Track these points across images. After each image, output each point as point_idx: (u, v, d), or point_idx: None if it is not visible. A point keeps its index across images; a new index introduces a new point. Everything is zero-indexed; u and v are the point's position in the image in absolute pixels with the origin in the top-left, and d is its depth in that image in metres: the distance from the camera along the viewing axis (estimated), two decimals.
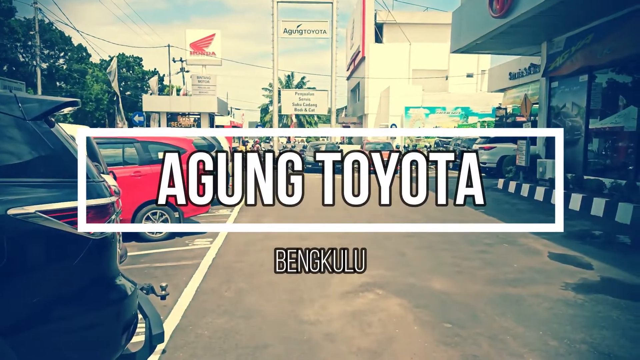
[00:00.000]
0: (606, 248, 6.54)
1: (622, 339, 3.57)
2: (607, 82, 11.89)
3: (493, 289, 4.79)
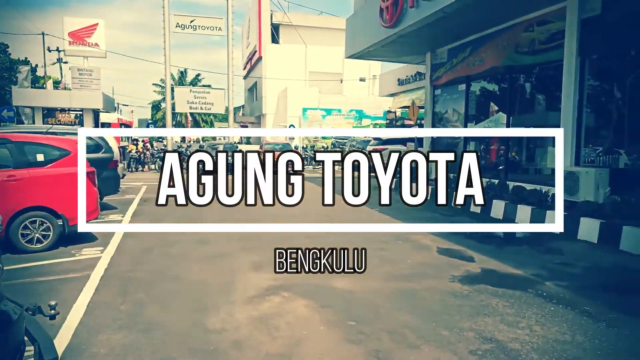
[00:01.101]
0: (484, 242, 7.30)
1: (500, 324, 4.03)
2: (480, 90, 13.29)
3: (391, 285, 5.09)
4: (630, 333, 3.86)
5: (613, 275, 5.59)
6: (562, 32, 9.25)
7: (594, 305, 4.48)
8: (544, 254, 6.57)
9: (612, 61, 9.01)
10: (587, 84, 9.12)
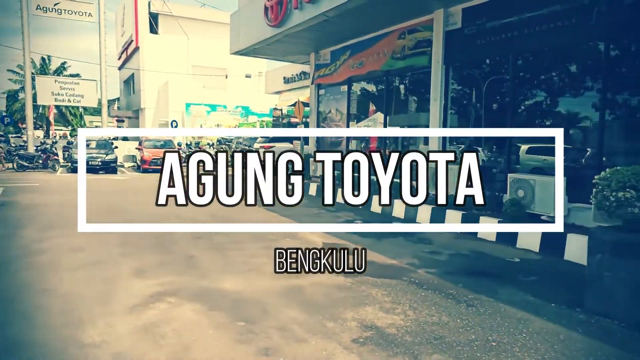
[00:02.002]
0: (365, 235, 7.79)
1: (379, 312, 4.37)
2: (361, 91, 14.07)
3: (279, 282, 5.20)
4: (484, 310, 4.45)
5: (472, 260, 6.36)
6: (430, 41, 10.20)
7: (456, 288, 5.07)
8: (417, 243, 7.23)
9: (472, 69, 10.16)
10: (451, 88, 10.18)
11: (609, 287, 4.29)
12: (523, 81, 8.97)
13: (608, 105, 7.34)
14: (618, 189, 4.13)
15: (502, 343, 3.74)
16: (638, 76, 7.21)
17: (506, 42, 8.51)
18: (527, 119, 9.08)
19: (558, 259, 6.39)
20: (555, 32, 7.66)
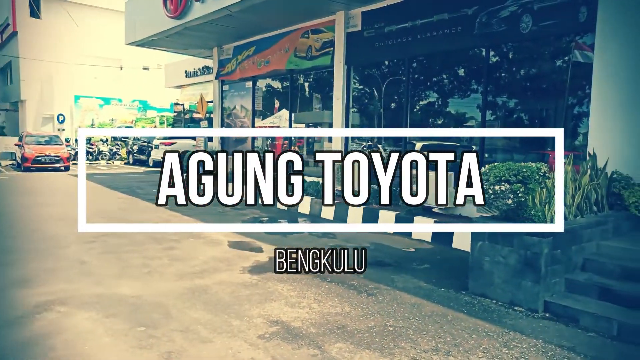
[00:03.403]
0: (272, 233, 7.84)
1: (285, 307, 4.45)
2: (266, 88, 14.08)
3: (182, 284, 5.06)
4: (382, 298, 4.74)
5: (373, 252, 6.70)
6: (332, 42, 10.51)
7: (358, 279, 5.32)
8: (321, 238, 7.44)
9: (372, 70, 10.65)
10: (353, 87, 10.59)
11: (488, 271, 4.79)
12: (418, 83, 9.62)
13: (489, 107, 8.16)
14: (495, 183, 4.63)
15: (398, 327, 4.02)
16: (514, 81, 8.11)
17: (402, 46, 9.06)
18: (422, 118, 9.76)
19: (447, 247, 6.98)
20: (444, 38, 8.32)
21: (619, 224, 5.40)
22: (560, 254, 4.55)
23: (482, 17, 7.65)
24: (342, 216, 8.84)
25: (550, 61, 7.59)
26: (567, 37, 7.10)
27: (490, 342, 3.76)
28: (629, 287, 4.31)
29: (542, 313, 4.39)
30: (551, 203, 4.81)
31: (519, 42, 7.76)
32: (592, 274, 4.71)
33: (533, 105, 8.34)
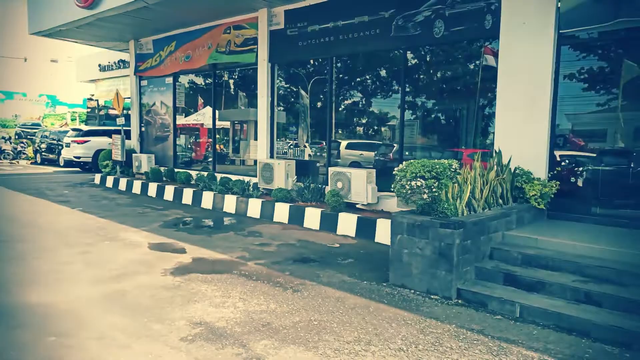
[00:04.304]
0: (195, 232, 7.65)
1: (209, 308, 4.38)
2: (189, 84, 13.66)
3: (98, 289, 4.80)
4: (308, 294, 4.82)
5: (298, 249, 6.78)
6: (255, 38, 10.42)
7: (284, 276, 5.37)
8: (247, 237, 7.39)
9: (298, 68, 10.71)
10: (279, 85, 10.60)
11: (407, 263, 5.05)
12: (342, 82, 9.84)
13: (408, 107, 8.54)
14: (411, 179, 4.88)
15: (322, 321, 4.11)
16: (431, 82, 8.56)
17: (325, 46, 9.21)
18: (347, 116, 10.01)
19: (370, 241, 7.23)
20: (365, 39, 8.58)
21: (521, 215, 5.92)
22: (470, 244, 4.90)
23: (398, 21, 7.99)
24: (269, 214, 8.84)
25: (463, 64, 8.11)
26: (477, 42, 7.63)
27: (408, 330, 3.97)
28: (529, 273, 4.74)
29: (455, 300, 4.70)
30: (462, 197, 5.16)
31: (433, 46, 8.20)
32: (499, 262, 5.12)
33: (449, 105, 8.85)
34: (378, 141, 10.24)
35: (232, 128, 13.50)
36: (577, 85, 6.80)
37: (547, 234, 5.38)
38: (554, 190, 6.19)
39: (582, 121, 7.08)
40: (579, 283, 4.39)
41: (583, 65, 6.68)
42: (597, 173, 6.88)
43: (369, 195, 7.95)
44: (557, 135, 6.76)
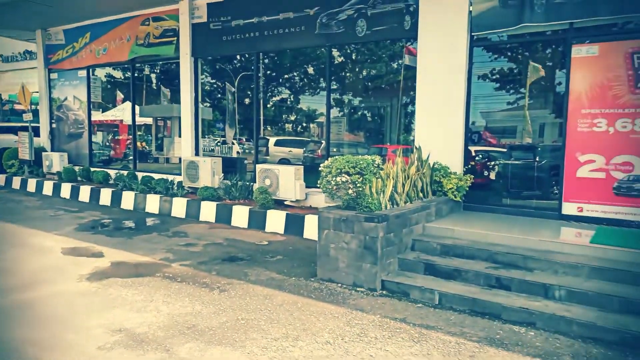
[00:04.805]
0: (115, 234, 7.25)
1: (130, 313, 4.18)
2: (106, 78, 12.89)
3: (5, 300, 4.40)
4: (235, 293, 4.75)
5: (226, 248, 6.65)
6: (175, 30, 10.04)
7: (210, 277, 5.25)
8: (171, 237, 7.13)
9: (224, 64, 10.47)
10: (205, 81, 10.32)
11: (334, 257, 5.13)
12: (270, 79, 9.78)
13: (335, 104, 8.68)
14: (337, 175, 4.97)
15: (250, 320, 4.07)
16: (357, 80, 8.76)
17: (250, 41, 9.08)
18: (275, 113, 9.97)
19: (299, 238, 7.27)
20: (290, 36, 8.57)
21: (440, 207, 6.24)
22: (393, 237, 5.08)
23: (322, 19, 8.07)
24: (195, 213, 8.59)
25: (386, 63, 8.38)
26: (399, 42, 7.91)
27: (335, 323, 4.04)
28: (447, 262, 5.02)
29: (380, 291, 4.86)
30: (385, 192, 5.34)
31: (356, 44, 8.39)
32: (420, 252, 5.37)
33: (374, 103, 9.12)
34: (307, 138, 10.31)
35: (154, 124, 12.95)
36: (490, 84, 7.29)
37: (462, 225, 5.72)
38: (468, 183, 6.60)
39: (494, 119, 7.61)
40: (491, 269, 4.72)
41: (495, 66, 7.18)
42: (507, 167, 7.44)
43: (297, 191, 7.99)
44: (473, 132, 7.20)
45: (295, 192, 7.98)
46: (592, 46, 5.86)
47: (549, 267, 4.59)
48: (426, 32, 6.93)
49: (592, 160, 5.91)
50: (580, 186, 6.00)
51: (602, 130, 5.82)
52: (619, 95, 5.70)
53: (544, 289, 4.30)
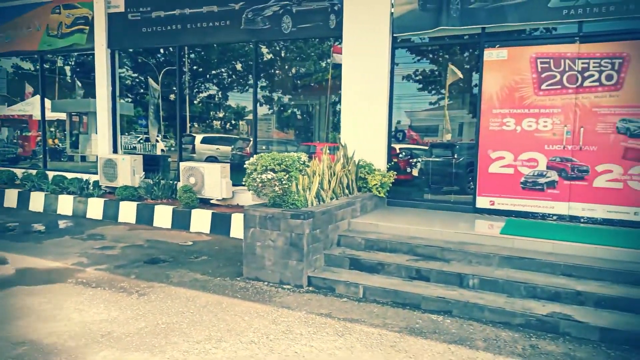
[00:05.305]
0: (22, 239, 6.67)
1: (36, 323, 3.85)
2: (13, 69, 11.82)
3: None
4: (155, 297, 4.54)
5: (147, 249, 6.35)
6: (87, 19, 9.40)
7: (129, 281, 4.98)
8: (86, 240, 6.69)
9: (148, 57, 9.97)
10: (126, 75, 9.76)
11: (260, 255, 5.08)
12: (197, 74, 9.47)
13: (265, 101, 8.60)
14: (262, 172, 4.92)
15: (171, 323, 3.91)
16: (285, 78, 8.72)
17: (172, 34, 8.72)
18: (203, 110, 9.67)
19: (226, 237, 7.12)
20: (215, 30, 8.34)
21: (365, 203, 6.39)
22: (319, 233, 5.12)
23: (248, 14, 7.94)
24: (113, 214, 8.11)
25: (315, 62, 8.43)
26: (327, 40, 7.98)
27: (260, 322, 3.99)
28: (371, 256, 5.15)
29: (306, 287, 4.88)
30: (311, 189, 5.37)
31: (283, 41, 8.36)
32: (345, 248, 5.46)
33: (303, 101, 9.14)
34: (235, 135, 10.13)
35: (69, 120, 12.07)
36: (414, 85, 7.59)
37: (386, 220, 5.90)
38: (392, 179, 6.81)
39: (418, 118, 7.93)
40: (412, 262, 4.91)
41: (418, 68, 7.47)
42: (429, 164, 7.79)
43: (223, 190, 7.81)
44: (398, 130, 7.46)
45: (222, 190, 7.80)
46: (501, 50, 6.28)
47: (464, 258, 4.86)
48: (350, 32, 7.05)
49: (502, 157, 6.34)
50: (492, 181, 6.41)
51: (510, 129, 6.26)
52: (525, 97, 6.16)
53: (459, 278, 4.55)
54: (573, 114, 5.92)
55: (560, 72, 5.96)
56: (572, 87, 5.91)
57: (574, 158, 5.96)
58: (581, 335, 3.76)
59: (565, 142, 5.98)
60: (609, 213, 5.82)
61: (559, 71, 5.96)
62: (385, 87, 6.92)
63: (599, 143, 5.83)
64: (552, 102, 6.02)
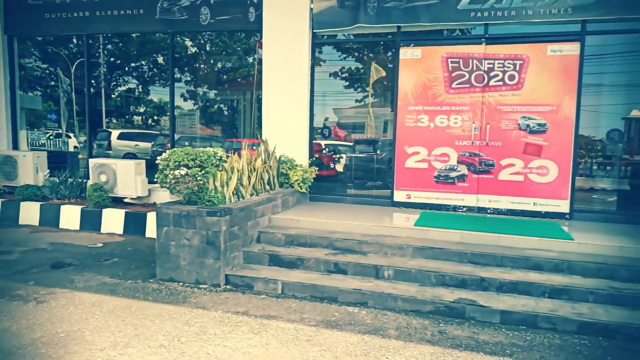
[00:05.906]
0: None
1: None
2: None
3: None
4: (56, 304, 4.18)
5: (50, 253, 5.86)
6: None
7: (26, 288, 4.56)
8: None
9: (57, 46, 9.17)
10: (31, 65, 8.93)
11: (174, 255, 4.86)
12: (115, 66, 8.88)
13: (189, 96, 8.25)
14: (175, 168, 4.70)
15: (72, 331, 3.62)
16: (207, 71, 8.43)
17: (79, 22, 8.11)
18: (122, 104, 9.10)
19: (141, 237, 6.76)
20: (128, 19, 7.87)
21: (286, 199, 6.35)
22: (237, 230, 5.01)
23: (163, 3, 7.57)
24: (13, 216, 7.41)
25: (240, 56, 8.22)
26: (250, 34, 7.81)
27: (172, 324, 3.82)
28: (291, 251, 5.12)
29: (224, 286, 4.75)
30: (229, 185, 5.23)
31: (201, 33, 8.08)
32: (265, 244, 5.39)
33: (228, 96, 8.89)
34: (156, 131, 9.67)
35: None
36: (340, 82, 7.66)
37: (307, 215, 5.91)
38: (313, 175, 6.84)
39: (345, 115, 8.02)
40: (330, 255, 4.95)
41: (344, 65, 7.55)
42: (352, 160, 7.92)
43: (138, 188, 7.42)
44: (325, 126, 7.51)
45: (137, 188, 7.40)
46: (416, 49, 6.51)
47: (380, 250, 4.98)
48: (270, 26, 6.96)
49: (417, 152, 6.59)
50: (408, 175, 6.65)
51: (424, 125, 6.52)
52: (437, 95, 6.45)
53: (375, 270, 4.65)
54: (480, 112, 6.29)
55: (468, 71, 6.30)
56: (479, 86, 6.27)
57: (481, 153, 6.33)
58: (484, 319, 3.99)
59: (473, 138, 6.33)
60: (512, 204, 6.26)
61: (467, 70, 6.30)
62: (306, 82, 6.92)
63: (503, 139, 6.24)
64: (461, 100, 6.35)
